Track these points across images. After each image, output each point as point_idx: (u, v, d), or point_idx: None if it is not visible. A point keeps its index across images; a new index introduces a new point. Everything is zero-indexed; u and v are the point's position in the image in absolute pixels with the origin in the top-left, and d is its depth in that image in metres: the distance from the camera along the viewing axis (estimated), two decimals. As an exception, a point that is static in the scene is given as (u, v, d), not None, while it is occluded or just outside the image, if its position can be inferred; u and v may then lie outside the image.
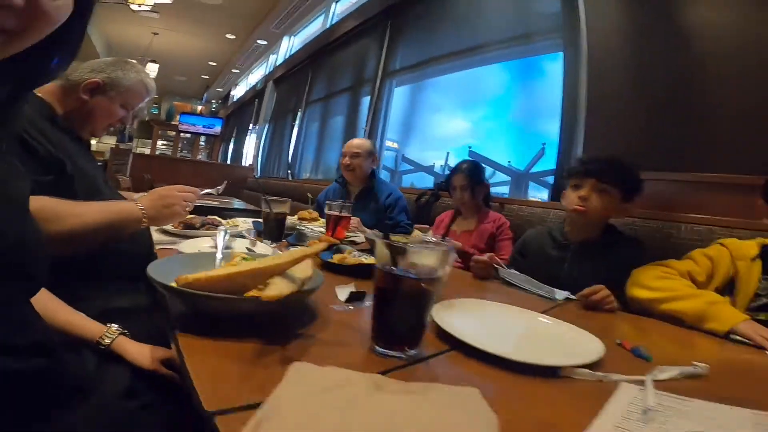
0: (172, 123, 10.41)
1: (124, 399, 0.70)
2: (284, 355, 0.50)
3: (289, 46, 6.94)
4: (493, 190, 3.19)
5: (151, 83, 1.28)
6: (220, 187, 1.44)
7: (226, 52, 8.31)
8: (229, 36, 7.33)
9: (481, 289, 1.14)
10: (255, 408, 0.36)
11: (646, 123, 1.76)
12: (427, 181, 3.87)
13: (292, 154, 5.97)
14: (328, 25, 5.42)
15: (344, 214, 1.43)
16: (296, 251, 0.63)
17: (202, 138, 10.82)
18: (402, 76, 3.88)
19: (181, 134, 10.33)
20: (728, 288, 1.05)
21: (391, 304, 0.54)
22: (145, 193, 1.11)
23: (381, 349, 0.54)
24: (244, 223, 1.60)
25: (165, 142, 11.58)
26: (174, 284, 0.57)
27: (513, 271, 1.19)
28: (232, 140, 10.50)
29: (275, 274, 0.58)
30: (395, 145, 4.17)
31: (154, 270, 0.62)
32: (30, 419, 0.53)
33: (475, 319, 0.72)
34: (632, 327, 0.95)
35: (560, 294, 1.06)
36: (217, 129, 10.23)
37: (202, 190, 1.23)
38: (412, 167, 4.21)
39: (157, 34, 7.40)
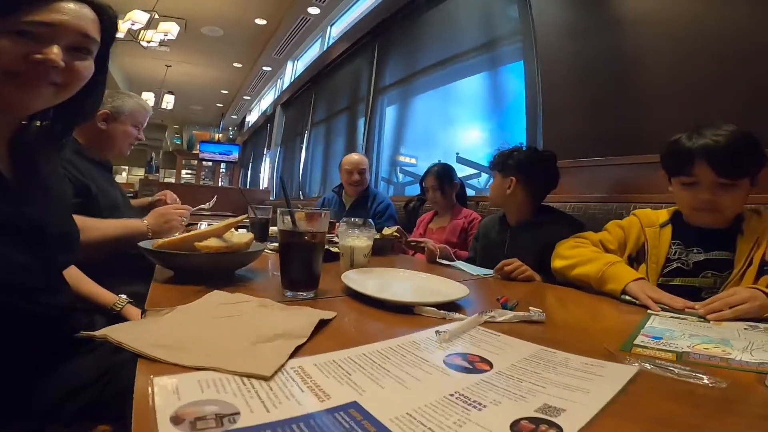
0: (194, 152, 10.97)
1: (119, 351, 0.94)
2: (217, 292, 0.71)
3: (293, 70, 7.16)
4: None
5: (146, 103, 1.61)
6: (211, 202, 1.71)
7: (236, 80, 8.69)
8: (236, 64, 7.68)
9: (428, 269, 1.29)
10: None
11: (593, 115, 1.92)
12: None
13: (302, 175, 6.27)
14: (325, 48, 5.63)
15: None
16: (228, 221, 0.90)
17: (223, 164, 11.34)
18: (392, 92, 4.11)
19: (203, 162, 10.88)
20: (642, 255, 1.12)
21: (288, 254, 0.75)
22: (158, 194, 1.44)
23: (285, 292, 0.74)
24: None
25: (189, 171, 12.19)
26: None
27: (460, 262, 1.39)
28: (250, 165, 10.91)
29: (214, 236, 0.84)
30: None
31: (144, 244, 0.87)
32: (45, 360, 0.75)
33: (377, 278, 0.91)
34: (537, 292, 1.04)
35: (486, 271, 1.23)
36: (235, 155, 10.67)
37: (196, 207, 1.50)
38: (412, 179, 4.40)
39: (170, 66, 7.82)
